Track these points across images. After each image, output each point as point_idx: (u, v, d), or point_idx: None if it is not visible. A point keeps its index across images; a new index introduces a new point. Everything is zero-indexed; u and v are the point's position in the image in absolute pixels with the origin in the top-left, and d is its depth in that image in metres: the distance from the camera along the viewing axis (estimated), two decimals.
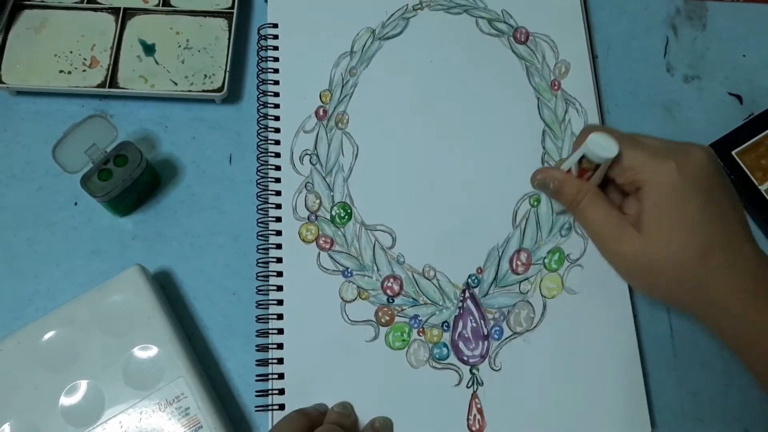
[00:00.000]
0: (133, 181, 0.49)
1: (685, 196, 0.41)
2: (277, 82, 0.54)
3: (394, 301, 0.50)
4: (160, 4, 0.56)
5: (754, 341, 0.41)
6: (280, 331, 0.48)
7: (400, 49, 0.56)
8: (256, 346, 0.48)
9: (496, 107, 0.54)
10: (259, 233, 0.51)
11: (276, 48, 0.55)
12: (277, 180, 0.52)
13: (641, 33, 0.58)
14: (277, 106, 0.54)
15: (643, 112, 0.56)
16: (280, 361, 0.48)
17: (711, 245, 0.41)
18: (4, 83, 0.53)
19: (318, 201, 0.52)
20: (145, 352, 0.46)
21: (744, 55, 0.57)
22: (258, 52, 0.55)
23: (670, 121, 0.55)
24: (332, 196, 0.52)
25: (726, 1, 0.58)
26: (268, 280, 0.50)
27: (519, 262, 0.51)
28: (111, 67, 0.54)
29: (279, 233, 0.51)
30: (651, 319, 0.50)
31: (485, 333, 0.49)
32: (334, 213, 0.51)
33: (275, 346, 0.48)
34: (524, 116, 0.54)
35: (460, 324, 0.49)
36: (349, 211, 0.52)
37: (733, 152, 0.52)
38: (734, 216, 0.42)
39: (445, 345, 0.49)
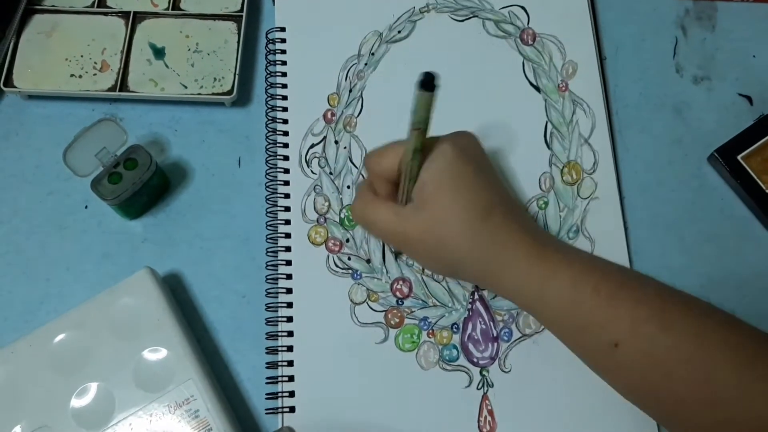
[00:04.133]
0: (143, 185, 0.50)
1: (460, 166, 0.43)
2: (285, 86, 0.54)
3: (403, 303, 0.50)
4: (170, 8, 0.56)
5: (542, 292, 0.41)
6: (290, 334, 0.49)
7: (407, 52, 0.56)
8: (266, 348, 0.48)
9: (503, 108, 0.54)
10: (269, 236, 0.51)
11: (284, 51, 0.55)
12: (286, 183, 0.52)
13: (650, 34, 0.58)
14: (285, 109, 0.54)
15: (653, 114, 0.55)
16: (290, 363, 0.48)
17: (492, 204, 0.43)
18: (15, 87, 0.53)
19: (327, 203, 0.52)
20: (155, 355, 0.46)
21: (754, 56, 0.57)
22: (266, 55, 0.56)
23: (680, 123, 0.55)
24: (341, 198, 0.52)
25: (736, 2, 0.58)
26: (277, 283, 0.50)
27: None
28: (121, 70, 0.54)
29: (288, 236, 0.51)
30: None
31: (495, 335, 0.49)
32: (343, 215, 0.52)
33: (285, 348, 0.48)
34: (531, 117, 0.54)
35: (470, 326, 0.49)
36: None
37: (739, 157, 0.52)
38: (501, 183, 0.46)
39: (454, 347, 0.49)
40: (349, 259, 0.50)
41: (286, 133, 0.53)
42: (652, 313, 0.39)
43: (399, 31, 0.56)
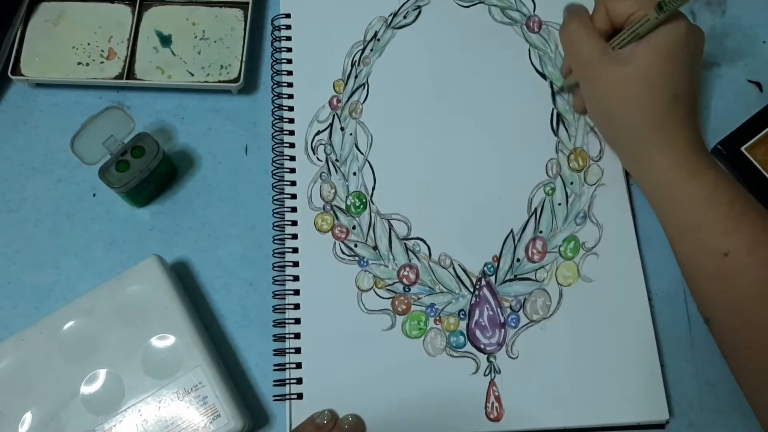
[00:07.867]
0: (150, 172, 0.50)
1: (682, 48, 0.45)
2: (290, 73, 0.54)
3: (410, 289, 0.50)
4: None
5: (684, 184, 0.44)
6: (297, 321, 0.49)
7: (412, 38, 0.55)
8: (273, 335, 0.49)
9: (509, 96, 0.54)
10: (275, 223, 0.51)
11: (289, 38, 0.55)
12: (292, 170, 0.52)
13: None
14: (291, 96, 0.54)
15: None
16: (298, 350, 0.48)
17: (684, 94, 0.46)
18: (23, 76, 0.53)
19: (333, 190, 0.52)
20: (163, 342, 0.46)
21: (764, 42, 0.56)
22: (272, 42, 0.56)
23: None
24: (347, 185, 0.52)
25: None
26: (284, 270, 0.50)
27: (534, 250, 0.51)
28: (128, 58, 0.54)
29: (295, 223, 0.51)
30: (668, 308, 0.50)
31: (502, 321, 0.49)
32: (349, 202, 0.52)
33: (292, 335, 0.48)
34: (537, 104, 0.54)
35: (477, 312, 0.49)
36: (364, 200, 0.52)
37: (743, 148, 0.51)
38: (699, 82, 0.50)
39: (461, 333, 0.49)
40: (356, 246, 0.51)
41: (291, 121, 0.53)
42: None
43: (404, 17, 0.56)
